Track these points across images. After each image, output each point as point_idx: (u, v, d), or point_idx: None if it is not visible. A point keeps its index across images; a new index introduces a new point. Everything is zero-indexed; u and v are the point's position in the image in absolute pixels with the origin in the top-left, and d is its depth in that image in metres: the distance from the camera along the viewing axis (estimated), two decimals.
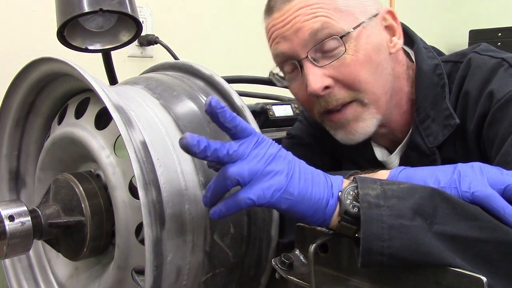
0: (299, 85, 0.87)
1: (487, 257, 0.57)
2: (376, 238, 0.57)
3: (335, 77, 0.83)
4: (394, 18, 0.90)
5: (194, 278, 0.72)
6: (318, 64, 0.83)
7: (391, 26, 0.89)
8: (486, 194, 0.60)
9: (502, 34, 2.83)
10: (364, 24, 0.84)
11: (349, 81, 0.83)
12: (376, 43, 0.86)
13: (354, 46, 0.83)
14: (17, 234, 0.70)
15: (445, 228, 0.57)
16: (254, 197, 0.60)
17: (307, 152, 1.07)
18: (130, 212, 0.68)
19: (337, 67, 0.83)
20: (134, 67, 1.80)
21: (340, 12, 0.83)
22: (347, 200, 0.61)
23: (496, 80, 0.81)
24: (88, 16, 0.97)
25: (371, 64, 0.84)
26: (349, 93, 0.84)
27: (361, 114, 0.86)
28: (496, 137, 0.79)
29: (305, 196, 0.61)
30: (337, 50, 0.82)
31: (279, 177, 0.60)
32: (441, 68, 0.89)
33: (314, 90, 0.82)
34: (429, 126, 0.88)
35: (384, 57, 0.87)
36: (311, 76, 0.82)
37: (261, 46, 1.00)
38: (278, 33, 0.85)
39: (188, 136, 0.58)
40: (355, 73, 0.83)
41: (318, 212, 0.62)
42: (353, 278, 0.65)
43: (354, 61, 0.83)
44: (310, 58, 0.83)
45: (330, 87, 0.83)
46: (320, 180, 0.63)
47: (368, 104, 0.85)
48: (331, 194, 0.63)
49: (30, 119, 0.89)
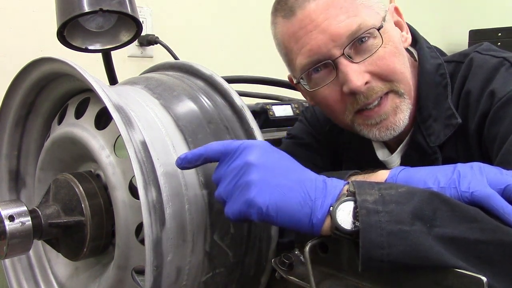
0: (331, 87, 0.86)
1: (488, 258, 0.57)
2: (375, 246, 0.57)
3: (372, 71, 0.84)
4: (399, 14, 0.92)
5: (194, 278, 0.72)
6: (354, 61, 0.83)
7: (398, 21, 0.92)
8: (485, 194, 0.60)
9: (502, 34, 2.83)
10: (386, 18, 0.86)
11: (386, 73, 0.84)
12: (396, 35, 0.88)
13: (385, 39, 0.84)
14: (17, 234, 0.70)
15: (446, 230, 0.57)
16: (230, 215, 0.64)
17: (307, 152, 1.07)
18: (130, 212, 0.68)
19: (373, 62, 0.83)
20: (134, 67, 1.80)
21: (366, 8, 0.84)
22: (338, 216, 0.60)
23: (497, 79, 0.81)
24: (88, 16, 0.97)
25: (400, 55, 0.86)
26: (386, 84, 0.85)
27: (399, 105, 0.86)
28: (497, 136, 0.79)
29: (277, 210, 0.61)
30: (372, 45, 0.83)
31: (246, 191, 0.62)
32: (443, 68, 0.89)
33: (357, 86, 0.82)
34: (431, 125, 0.88)
35: (403, 50, 0.89)
36: (352, 73, 0.82)
37: (261, 46, 1.00)
38: (306, 34, 0.83)
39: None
40: (392, 64, 0.84)
41: (302, 226, 0.62)
42: (353, 278, 0.65)
43: (388, 53, 0.84)
44: (346, 55, 0.82)
45: (369, 82, 0.84)
46: (300, 194, 0.61)
47: (404, 94, 0.86)
48: (318, 208, 0.61)
49: (30, 119, 0.89)
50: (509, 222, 0.58)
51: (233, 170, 0.63)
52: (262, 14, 0.91)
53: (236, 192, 0.63)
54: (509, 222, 0.58)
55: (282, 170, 0.63)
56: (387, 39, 0.84)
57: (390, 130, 0.87)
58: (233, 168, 0.63)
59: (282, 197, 0.61)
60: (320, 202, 0.61)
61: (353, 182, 0.63)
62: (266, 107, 1.36)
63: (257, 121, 0.81)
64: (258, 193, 0.61)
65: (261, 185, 0.61)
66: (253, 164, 0.62)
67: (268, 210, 0.61)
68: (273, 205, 0.61)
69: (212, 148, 0.66)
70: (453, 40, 3.06)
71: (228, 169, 0.64)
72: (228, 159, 0.64)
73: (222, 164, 0.65)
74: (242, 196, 0.62)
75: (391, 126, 0.86)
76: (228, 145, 0.65)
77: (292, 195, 0.61)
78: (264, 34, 0.92)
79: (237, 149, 0.64)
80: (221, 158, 0.65)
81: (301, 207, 0.61)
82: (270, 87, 1.53)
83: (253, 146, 0.64)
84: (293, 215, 0.61)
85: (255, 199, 0.61)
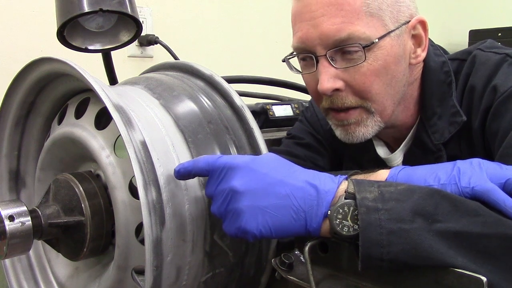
0: (311, 77, 0.87)
1: (490, 252, 0.57)
2: (375, 245, 0.57)
3: (347, 82, 0.82)
4: (425, 29, 0.87)
5: (194, 278, 0.72)
6: (335, 65, 0.82)
7: (419, 35, 0.87)
8: (486, 188, 0.60)
9: (502, 34, 2.83)
10: (391, 33, 0.82)
11: (360, 90, 0.83)
12: (397, 54, 0.83)
13: (375, 56, 0.81)
14: (17, 234, 0.70)
15: (448, 225, 0.57)
16: (227, 232, 0.64)
17: (308, 152, 1.07)
18: (130, 212, 0.68)
19: (352, 73, 0.82)
20: (134, 67, 1.80)
21: (370, 17, 0.80)
22: (336, 220, 0.60)
23: (499, 75, 0.82)
24: (88, 16, 0.97)
25: (387, 75, 0.83)
26: (357, 99, 0.84)
27: (364, 121, 0.86)
28: (498, 131, 0.79)
29: (272, 230, 0.62)
30: (357, 56, 0.81)
31: (236, 218, 0.62)
32: (448, 66, 0.89)
33: (323, 89, 0.82)
34: (435, 123, 0.88)
35: (403, 68, 0.85)
36: (324, 76, 0.82)
37: (261, 46, 1.00)
38: (302, 21, 0.83)
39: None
40: (368, 83, 0.82)
41: (300, 235, 0.63)
42: (353, 278, 0.65)
43: (370, 71, 0.81)
44: (328, 57, 0.82)
45: (340, 90, 0.83)
46: (291, 209, 0.62)
47: (374, 113, 0.85)
48: (312, 218, 0.61)
49: (30, 119, 0.89)
50: (510, 215, 0.58)
51: (221, 194, 0.64)
52: (262, 14, 0.91)
53: (228, 216, 0.63)
54: (510, 216, 0.58)
55: (269, 189, 0.62)
56: (379, 56, 0.81)
57: (349, 136, 0.87)
58: (220, 191, 0.64)
59: (274, 218, 0.62)
60: (314, 211, 0.61)
61: (352, 180, 0.63)
62: (266, 107, 1.36)
63: (257, 121, 0.81)
64: (248, 220, 0.62)
65: (249, 212, 0.62)
66: (238, 191, 0.62)
67: (262, 233, 0.62)
68: (266, 228, 0.62)
69: (199, 166, 0.66)
70: (453, 40, 3.05)
71: (216, 190, 0.64)
72: (215, 178, 0.65)
73: (211, 181, 0.65)
74: (234, 223, 0.63)
75: (350, 133, 0.87)
76: (213, 164, 0.65)
77: (284, 213, 0.62)
78: (264, 34, 0.92)
79: (221, 170, 0.64)
80: (209, 174, 0.66)
81: (294, 221, 0.62)
82: (270, 87, 1.53)
83: (236, 168, 0.63)
84: (288, 230, 0.62)
85: (246, 226, 0.62)
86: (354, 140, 0.88)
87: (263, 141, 0.78)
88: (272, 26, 1.99)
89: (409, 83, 0.88)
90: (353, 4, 0.80)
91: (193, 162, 0.66)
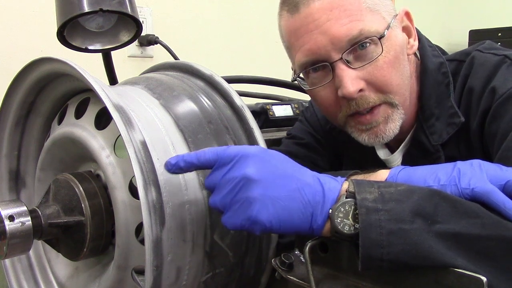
0: (327, 88, 0.85)
1: (490, 254, 0.57)
2: (375, 245, 0.57)
3: (368, 80, 0.82)
4: (410, 19, 0.89)
5: (194, 278, 0.72)
6: (352, 66, 0.81)
7: (407, 27, 0.89)
8: (486, 190, 0.60)
9: (502, 34, 2.83)
10: (391, 24, 0.84)
11: (382, 84, 0.83)
12: (400, 43, 0.85)
13: (386, 48, 0.82)
14: (17, 234, 0.70)
15: (447, 226, 0.57)
16: (228, 225, 0.62)
17: (308, 152, 1.07)
18: (130, 212, 0.68)
19: (370, 70, 0.82)
20: (134, 67, 1.80)
21: (371, 12, 0.82)
22: (337, 218, 0.60)
23: (498, 77, 0.81)
24: (88, 16, 0.97)
25: (400, 66, 0.84)
26: (379, 96, 0.83)
27: (391, 115, 0.85)
28: (497, 133, 0.79)
29: (280, 222, 0.61)
30: (372, 52, 0.81)
31: (247, 207, 0.60)
32: (446, 67, 0.89)
33: (350, 93, 0.81)
34: (433, 124, 0.88)
35: (406, 59, 0.87)
36: (347, 79, 0.81)
37: (261, 46, 1.00)
38: (307, 33, 0.82)
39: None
40: (388, 76, 0.82)
41: (303, 231, 0.62)
42: (353, 278, 0.65)
43: (386, 63, 0.82)
44: (344, 60, 0.81)
45: (363, 90, 0.82)
46: (301, 203, 0.61)
47: (397, 105, 0.85)
48: (318, 214, 0.61)
49: (30, 119, 0.89)
50: (510, 217, 0.59)
51: (230, 182, 0.61)
52: (262, 14, 0.91)
53: (235, 206, 0.61)
54: (510, 217, 0.59)
55: (281, 180, 0.62)
56: (389, 47, 0.82)
57: (379, 138, 0.86)
58: (230, 179, 0.61)
59: (284, 210, 0.61)
60: (320, 208, 0.61)
61: (352, 181, 0.63)
62: (266, 107, 1.36)
63: (257, 121, 0.81)
64: (261, 210, 0.60)
65: (263, 201, 0.60)
66: (253, 179, 0.61)
67: (272, 224, 0.61)
68: (276, 220, 0.61)
69: (205, 157, 0.64)
70: (453, 40, 3.06)
71: (224, 179, 0.62)
72: (222, 167, 0.62)
73: (216, 171, 0.63)
74: (243, 213, 0.60)
75: (380, 134, 0.86)
76: (222, 153, 0.63)
77: (294, 206, 0.61)
78: (264, 34, 0.92)
79: (233, 158, 0.62)
80: (216, 164, 0.63)
81: (302, 216, 0.61)
82: (270, 87, 1.52)
83: (250, 156, 0.62)
84: (294, 225, 0.61)
85: (258, 216, 0.60)
86: (384, 141, 0.87)
87: (263, 141, 0.78)
88: (272, 26, 1.98)
89: (410, 76, 0.89)
90: (354, 3, 0.81)
91: (196, 154, 0.64)
